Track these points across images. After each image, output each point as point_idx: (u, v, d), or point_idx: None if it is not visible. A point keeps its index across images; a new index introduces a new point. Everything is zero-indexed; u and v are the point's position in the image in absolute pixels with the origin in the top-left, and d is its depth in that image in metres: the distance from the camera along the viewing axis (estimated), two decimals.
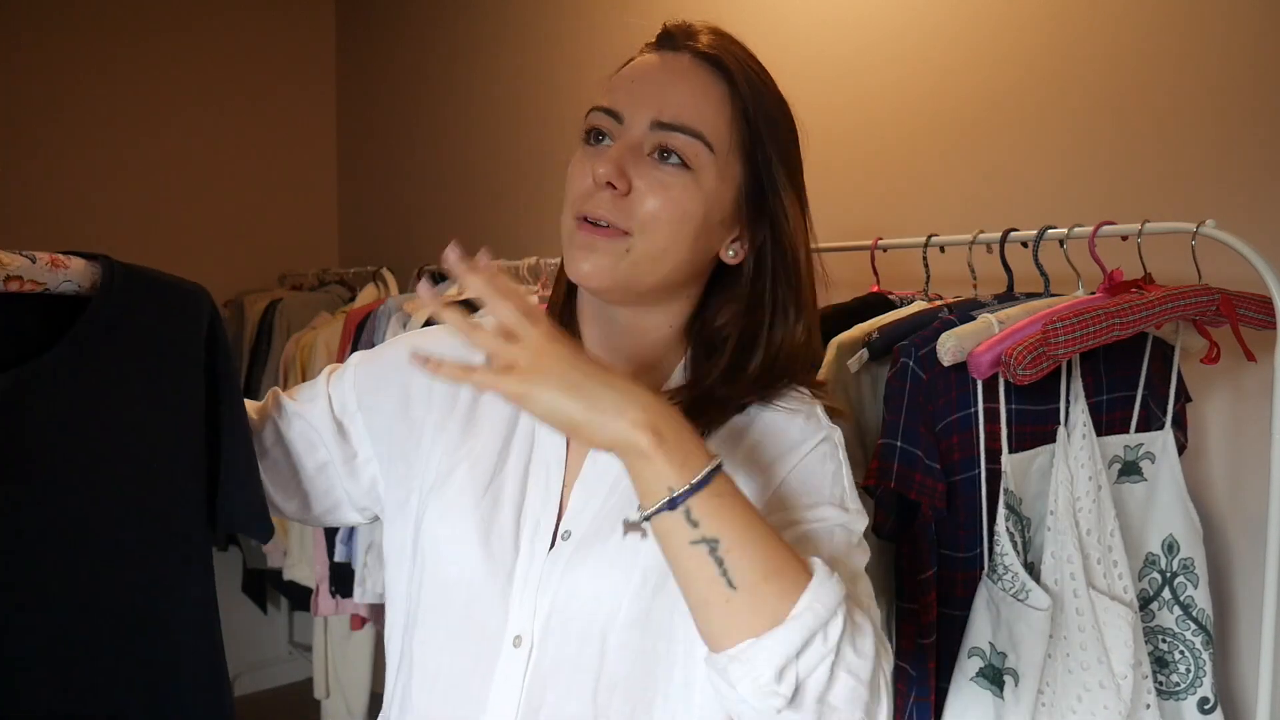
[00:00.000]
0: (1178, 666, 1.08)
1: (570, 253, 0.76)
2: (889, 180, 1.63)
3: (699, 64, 0.77)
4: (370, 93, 3.51)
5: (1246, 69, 1.17)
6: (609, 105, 0.76)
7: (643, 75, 0.77)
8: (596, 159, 0.74)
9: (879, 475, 0.98)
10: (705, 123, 0.76)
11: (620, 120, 0.75)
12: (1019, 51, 1.42)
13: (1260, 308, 1.03)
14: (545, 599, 0.77)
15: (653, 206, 0.74)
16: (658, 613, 0.76)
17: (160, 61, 3.29)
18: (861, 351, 1.10)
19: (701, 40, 0.78)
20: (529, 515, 0.79)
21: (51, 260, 0.69)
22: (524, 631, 0.76)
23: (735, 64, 0.78)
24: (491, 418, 0.83)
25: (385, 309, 2.05)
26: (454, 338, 0.84)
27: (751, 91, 0.78)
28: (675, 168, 0.75)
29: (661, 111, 0.74)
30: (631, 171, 0.73)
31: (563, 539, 0.78)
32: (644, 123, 0.75)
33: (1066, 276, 1.12)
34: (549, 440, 0.81)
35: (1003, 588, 0.97)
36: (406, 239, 3.26)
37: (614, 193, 0.73)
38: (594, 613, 0.76)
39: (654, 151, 0.75)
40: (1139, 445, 1.09)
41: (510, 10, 2.66)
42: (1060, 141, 1.37)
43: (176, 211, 3.35)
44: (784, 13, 1.79)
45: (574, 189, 0.76)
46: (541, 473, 0.80)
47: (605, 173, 0.72)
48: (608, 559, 0.76)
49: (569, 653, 0.76)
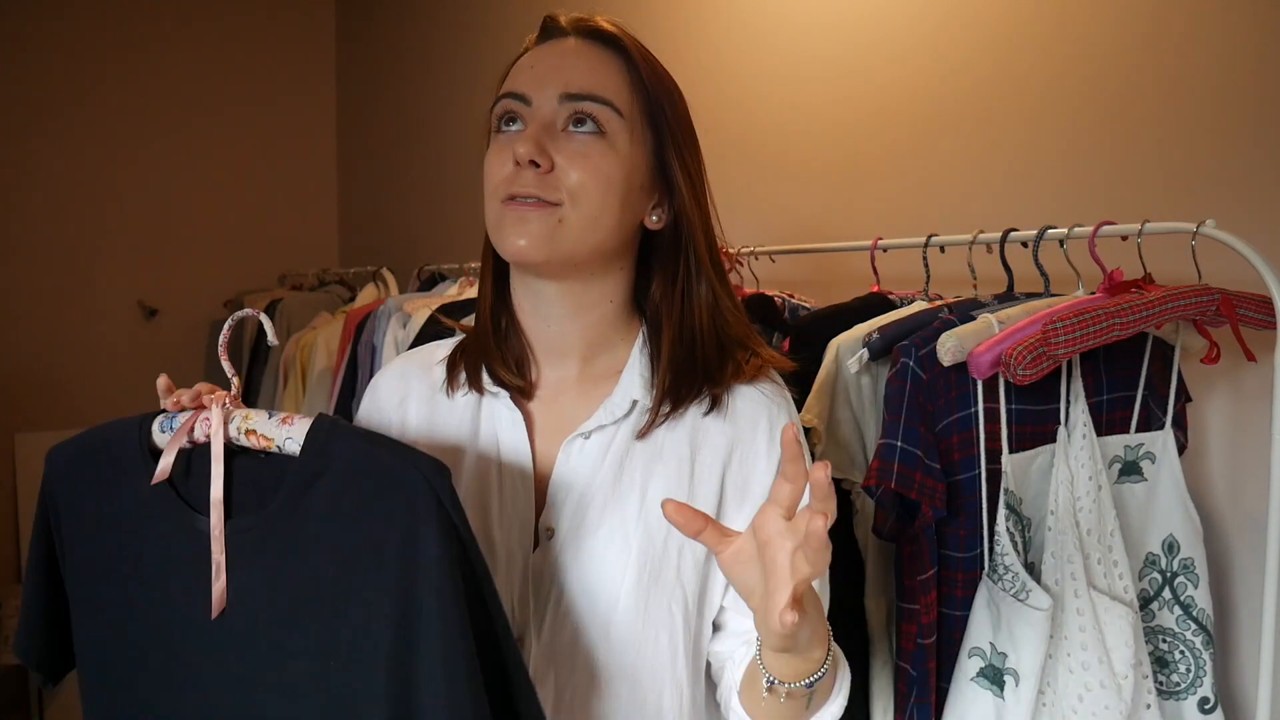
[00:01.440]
0: (1178, 666, 1.08)
1: (501, 233, 0.76)
2: (889, 180, 1.63)
3: (590, 43, 0.79)
4: (370, 93, 3.51)
5: (1246, 69, 1.17)
6: (514, 90, 0.78)
7: (540, 60, 0.79)
8: (513, 142, 0.75)
9: (879, 475, 0.98)
10: (609, 89, 0.78)
11: (528, 102, 0.77)
12: (1019, 52, 1.42)
13: (1260, 308, 1.03)
14: (542, 598, 0.77)
15: (578, 176, 0.75)
16: (655, 602, 0.77)
17: (161, 63, 3.30)
18: (861, 351, 1.09)
19: (587, 23, 0.80)
20: (509, 518, 0.79)
21: (283, 419, 0.73)
22: (523, 632, 0.77)
23: (625, 38, 0.80)
24: (450, 432, 0.83)
25: (385, 309, 2.04)
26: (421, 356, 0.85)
27: (644, 62, 0.80)
28: (590, 135, 0.76)
29: (568, 84, 0.76)
30: (550, 147, 0.75)
31: (546, 537, 0.78)
32: (552, 98, 0.76)
33: (1066, 276, 1.12)
34: (514, 439, 0.81)
35: (1003, 588, 0.97)
36: (406, 239, 3.26)
37: (537, 170, 0.74)
38: (594, 608, 0.76)
39: (567, 124, 0.76)
40: (1139, 445, 1.09)
41: (511, 10, 2.66)
42: (1060, 141, 1.37)
43: (177, 212, 3.35)
44: (784, 12, 1.79)
45: (494, 176, 0.76)
46: (514, 473, 0.80)
47: (526, 151, 0.74)
48: (597, 555, 0.77)
49: (573, 650, 0.76)
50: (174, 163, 3.34)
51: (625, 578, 0.76)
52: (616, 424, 0.80)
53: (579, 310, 0.82)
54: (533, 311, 0.83)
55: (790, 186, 1.80)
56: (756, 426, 0.82)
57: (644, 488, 0.79)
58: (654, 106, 0.80)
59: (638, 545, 0.77)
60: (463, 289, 2.11)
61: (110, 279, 3.23)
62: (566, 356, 0.83)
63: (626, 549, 0.77)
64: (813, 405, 1.13)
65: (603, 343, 0.84)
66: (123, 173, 3.24)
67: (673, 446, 0.81)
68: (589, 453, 0.80)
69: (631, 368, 0.82)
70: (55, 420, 3.12)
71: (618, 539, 0.77)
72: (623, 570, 0.76)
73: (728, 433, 0.82)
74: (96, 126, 3.18)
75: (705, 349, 0.82)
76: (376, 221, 3.51)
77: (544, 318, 0.82)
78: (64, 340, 3.15)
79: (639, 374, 0.82)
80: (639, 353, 0.83)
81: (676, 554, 0.78)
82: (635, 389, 0.81)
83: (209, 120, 3.40)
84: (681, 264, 0.82)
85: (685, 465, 0.80)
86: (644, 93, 0.79)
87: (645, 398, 0.81)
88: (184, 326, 3.40)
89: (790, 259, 1.55)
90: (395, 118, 3.33)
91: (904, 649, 1.03)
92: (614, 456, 0.80)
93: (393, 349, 1.95)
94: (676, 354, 0.81)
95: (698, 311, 0.82)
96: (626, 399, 0.81)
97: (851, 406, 1.14)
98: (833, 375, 1.13)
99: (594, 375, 0.83)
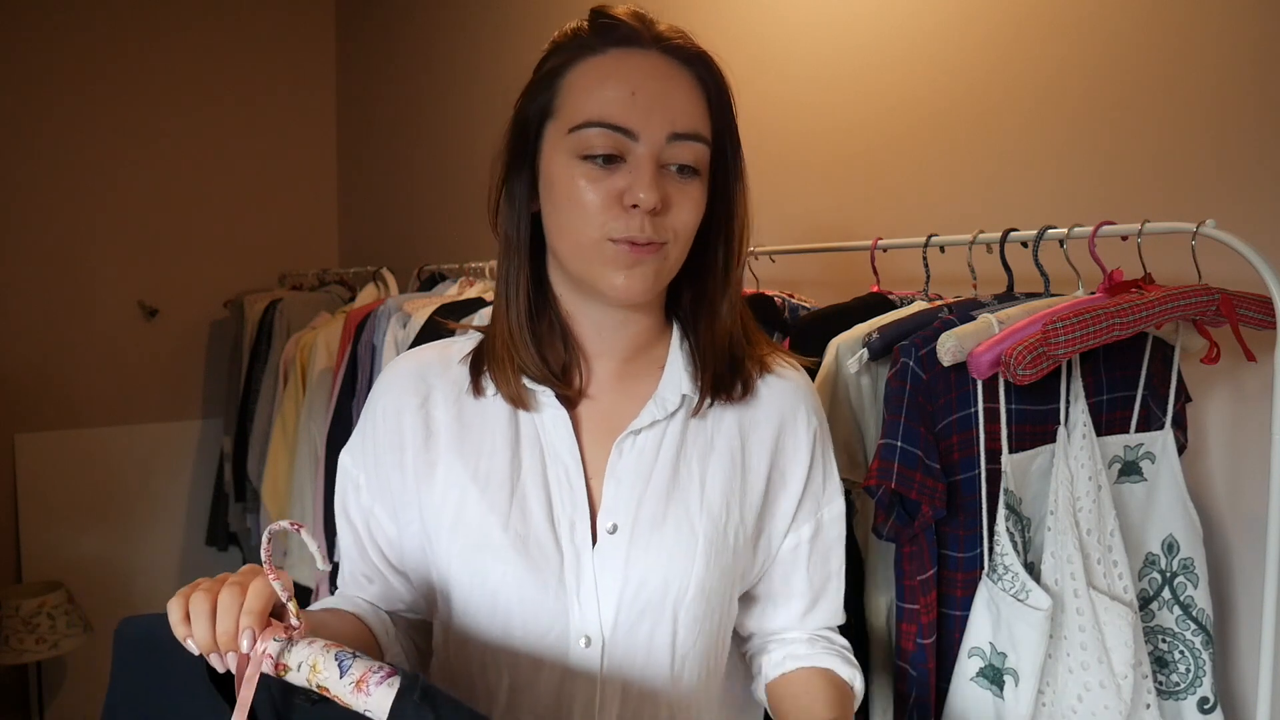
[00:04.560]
0: (1178, 666, 1.08)
1: (606, 272, 0.75)
2: (889, 180, 1.63)
3: (673, 61, 0.77)
4: (370, 93, 3.51)
5: (1246, 69, 1.17)
6: (617, 122, 0.74)
7: (639, 85, 0.74)
8: (625, 180, 0.74)
9: (879, 475, 0.98)
10: (703, 124, 0.77)
11: (635, 138, 0.74)
12: (1018, 52, 1.42)
13: (1260, 308, 1.03)
14: (610, 595, 0.77)
15: (686, 218, 0.76)
16: (717, 582, 0.80)
17: (161, 62, 3.30)
18: (861, 351, 1.09)
19: (663, 33, 0.77)
20: (562, 517, 0.79)
21: (355, 683, 0.61)
22: (592, 631, 0.77)
23: (697, 51, 0.79)
24: (486, 434, 0.82)
25: (385, 309, 2.04)
26: (435, 353, 0.85)
27: (710, 76, 0.79)
28: (693, 178, 0.77)
29: (674, 123, 0.75)
30: (663, 188, 0.74)
31: (609, 533, 0.78)
32: (660, 137, 0.74)
33: (1066, 276, 1.12)
34: (559, 439, 0.81)
35: (1003, 588, 0.97)
36: (406, 239, 3.26)
37: (653, 214, 0.74)
38: (664, 598, 0.78)
39: (669, 163, 0.75)
40: (1139, 445, 1.09)
41: (511, 10, 2.66)
42: (1060, 141, 1.37)
43: (177, 211, 3.35)
44: (784, 12, 1.79)
45: (596, 211, 0.74)
46: (561, 473, 0.80)
47: (652, 199, 0.72)
48: (669, 546, 0.78)
49: (643, 640, 0.78)
50: (174, 162, 3.33)
51: (695, 566, 0.79)
52: (669, 418, 0.82)
53: (632, 321, 0.84)
54: (583, 319, 0.83)
55: (790, 186, 1.80)
56: (797, 412, 0.88)
57: (703, 478, 0.82)
58: (719, 124, 0.80)
59: (704, 534, 0.80)
60: (463, 289, 2.11)
61: (110, 279, 3.23)
62: (611, 358, 0.85)
63: (694, 539, 0.79)
64: None
65: (645, 343, 0.86)
66: (123, 172, 3.24)
67: (724, 436, 0.84)
68: (643, 448, 0.81)
69: (674, 362, 0.85)
70: (55, 420, 3.13)
71: (685, 530, 0.79)
72: (691, 560, 0.79)
73: (773, 419, 0.86)
74: (96, 126, 3.18)
75: (736, 341, 0.85)
76: (376, 221, 3.51)
77: (596, 325, 0.83)
78: (64, 340, 3.15)
79: (682, 368, 0.84)
80: (678, 348, 0.85)
81: (733, 538, 0.82)
82: (684, 383, 0.83)
83: (209, 120, 3.40)
84: (721, 268, 0.84)
85: (737, 454, 0.84)
86: (714, 113, 0.79)
87: (693, 391, 0.83)
88: (184, 326, 3.40)
89: (790, 259, 1.55)
90: (395, 117, 3.33)
91: (904, 649, 1.03)
92: (669, 450, 0.82)
93: (393, 349, 1.95)
94: (720, 346, 0.84)
95: (731, 307, 0.84)
96: (676, 394, 0.83)
97: (851, 406, 1.14)
98: (832, 375, 1.13)
99: (634, 372, 0.85)
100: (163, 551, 3.34)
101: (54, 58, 3.09)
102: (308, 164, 3.67)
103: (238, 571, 0.65)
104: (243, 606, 0.61)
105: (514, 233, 0.81)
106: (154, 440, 3.33)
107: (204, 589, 0.63)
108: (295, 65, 3.62)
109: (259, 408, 2.79)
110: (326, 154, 3.74)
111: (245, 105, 3.48)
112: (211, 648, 0.61)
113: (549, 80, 0.78)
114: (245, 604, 0.61)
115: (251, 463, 2.78)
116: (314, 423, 2.27)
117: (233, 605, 0.61)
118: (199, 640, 0.61)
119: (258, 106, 3.52)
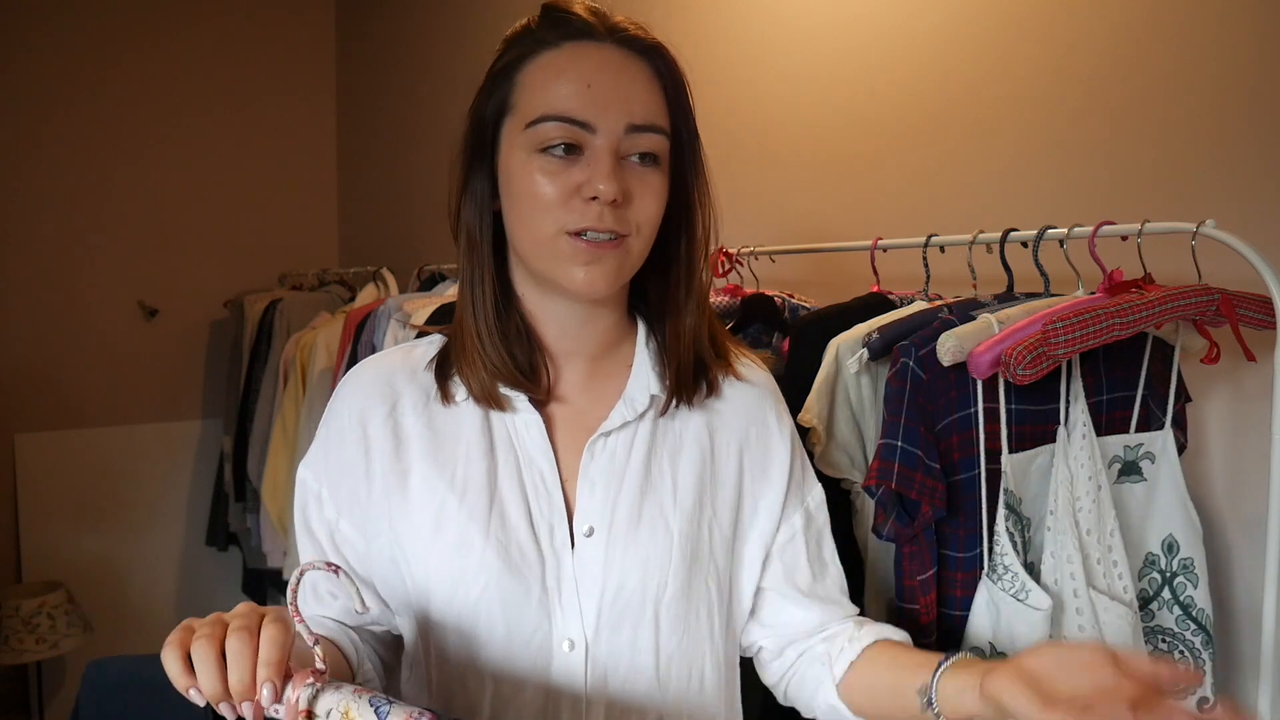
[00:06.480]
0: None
1: (566, 267, 0.74)
2: (889, 180, 1.63)
3: (628, 53, 0.76)
4: (370, 94, 3.51)
5: (1246, 69, 1.17)
6: (573, 115, 0.73)
7: (594, 78, 0.74)
8: (584, 174, 0.73)
9: (879, 475, 0.98)
10: (660, 115, 0.77)
11: (593, 130, 0.73)
12: (1018, 51, 1.42)
13: (1260, 308, 1.03)
14: (591, 598, 0.77)
15: (649, 209, 0.76)
16: (696, 580, 0.80)
17: (161, 63, 3.30)
18: (861, 351, 1.09)
19: (618, 25, 0.76)
20: (540, 522, 0.79)
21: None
22: (574, 635, 0.77)
23: (652, 42, 0.78)
24: (460, 440, 0.81)
25: (385, 309, 2.05)
26: (398, 357, 0.84)
27: (666, 67, 0.78)
28: (653, 167, 0.76)
29: (632, 114, 0.74)
30: (623, 181, 0.74)
31: (586, 536, 0.78)
32: (619, 128, 0.74)
33: (1066, 276, 1.12)
34: (533, 443, 0.81)
35: (1003, 588, 0.97)
36: (406, 239, 3.26)
37: (614, 206, 0.73)
38: (644, 598, 0.78)
39: (629, 154, 0.75)
40: (1139, 445, 1.09)
41: (511, 10, 2.66)
42: (1060, 142, 1.37)
43: (177, 212, 3.35)
44: (784, 12, 1.79)
45: (553, 204, 0.73)
46: (536, 477, 0.80)
47: (611, 191, 0.72)
48: (645, 546, 0.78)
49: (626, 641, 0.78)
50: (174, 162, 3.34)
51: (672, 563, 0.79)
52: (639, 419, 0.82)
53: (596, 317, 0.83)
54: (548, 318, 0.83)
55: (790, 186, 1.80)
56: (766, 413, 0.89)
57: (675, 477, 0.82)
58: (677, 113, 0.79)
59: (679, 531, 0.80)
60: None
61: (110, 279, 3.23)
62: (579, 357, 0.84)
63: (669, 536, 0.79)
64: (812, 405, 1.13)
65: (611, 340, 0.86)
66: (123, 172, 3.24)
67: (692, 435, 0.84)
68: (615, 450, 0.81)
69: (641, 362, 0.84)
70: (55, 420, 3.13)
71: (660, 529, 0.79)
72: (668, 558, 0.79)
73: (740, 416, 0.87)
74: (96, 126, 3.18)
75: (702, 341, 0.85)
76: (376, 221, 3.51)
77: (561, 324, 0.83)
78: (64, 340, 3.15)
79: (649, 368, 0.84)
80: (644, 347, 0.85)
81: (709, 533, 0.82)
82: (652, 383, 0.83)
83: (209, 120, 3.40)
84: (684, 263, 0.84)
85: (707, 452, 0.84)
86: (671, 103, 0.78)
87: (661, 391, 0.83)
88: (184, 326, 3.40)
89: (790, 259, 1.55)
90: (395, 117, 3.33)
91: None
92: (640, 450, 0.82)
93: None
94: (686, 346, 0.84)
95: (696, 305, 0.84)
96: (645, 394, 0.83)
97: (851, 406, 1.14)
98: (832, 375, 1.13)
99: (603, 372, 0.85)
100: (162, 551, 3.34)
101: (54, 59, 3.10)
102: (308, 164, 3.67)
103: (233, 612, 0.62)
104: (259, 657, 0.58)
105: (476, 233, 0.80)
106: (154, 440, 3.33)
107: (205, 635, 0.59)
108: (296, 65, 3.62)
109: (259, 408, 2.79)
110: (326, 154, 3.74)
111: (245, 105, 3.48)
112: (222, 698, 0.58)
113: (504, 76, 0.78)
114: (262, 655, 0.58)
115: (251, 463, 2.78)
116: (314, 423, 2.26)
117: (244, 654, 0.58)
118: (208, 691, 0.58)
119: (258, 107, 3.52)
